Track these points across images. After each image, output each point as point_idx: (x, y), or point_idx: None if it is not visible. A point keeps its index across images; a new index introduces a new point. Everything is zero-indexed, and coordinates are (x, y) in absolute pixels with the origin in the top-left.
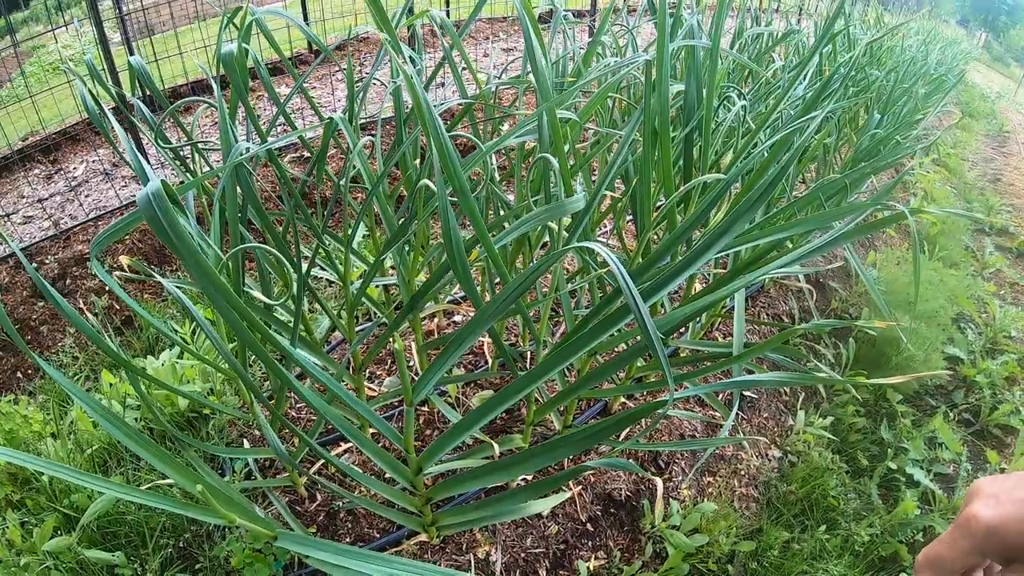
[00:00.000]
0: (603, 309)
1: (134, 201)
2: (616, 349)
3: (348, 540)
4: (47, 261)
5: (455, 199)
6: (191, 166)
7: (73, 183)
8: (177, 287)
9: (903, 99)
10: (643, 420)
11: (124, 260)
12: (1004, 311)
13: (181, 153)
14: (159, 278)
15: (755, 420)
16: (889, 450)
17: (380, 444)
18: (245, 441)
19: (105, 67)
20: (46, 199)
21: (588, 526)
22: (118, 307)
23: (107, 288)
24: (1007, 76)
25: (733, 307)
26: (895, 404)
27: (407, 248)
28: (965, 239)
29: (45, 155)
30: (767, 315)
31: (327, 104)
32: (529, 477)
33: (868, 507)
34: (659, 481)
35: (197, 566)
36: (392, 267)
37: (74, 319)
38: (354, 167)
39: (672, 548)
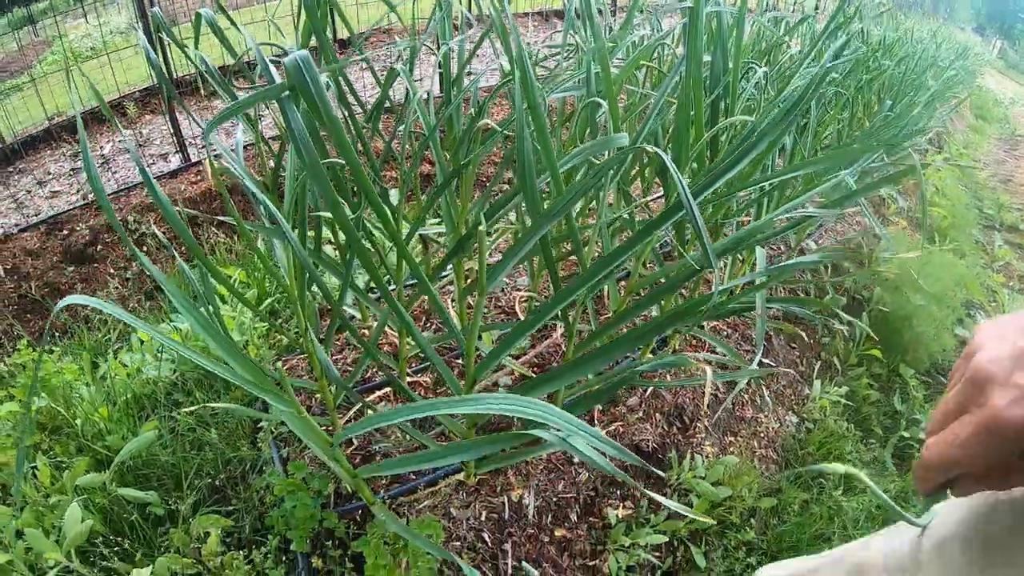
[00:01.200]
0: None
1: (167, 173)
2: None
3: (384, 481)
4: (78, 228)
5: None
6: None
7: (100, 160)
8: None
9: (911, 91)
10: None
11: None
12: (1012, 298)
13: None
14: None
15: (772, 387)
16: (902, 420)
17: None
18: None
19: (148, 44)
20: (74, 173)
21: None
22: (147, 274)
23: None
24: (1021, 84)
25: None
26: (907, 378)
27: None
28: (975, 233)
29: (71, 134)
30: (783, 289)
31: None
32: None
33: (883, 472)
34: (708, 369)
35: (230, 507)
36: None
37: (177, 225)
38: (414, 114)
39: (697, 498)
